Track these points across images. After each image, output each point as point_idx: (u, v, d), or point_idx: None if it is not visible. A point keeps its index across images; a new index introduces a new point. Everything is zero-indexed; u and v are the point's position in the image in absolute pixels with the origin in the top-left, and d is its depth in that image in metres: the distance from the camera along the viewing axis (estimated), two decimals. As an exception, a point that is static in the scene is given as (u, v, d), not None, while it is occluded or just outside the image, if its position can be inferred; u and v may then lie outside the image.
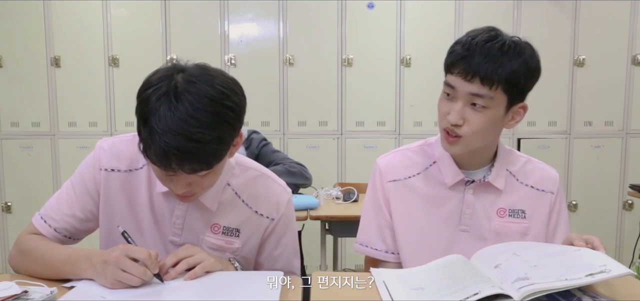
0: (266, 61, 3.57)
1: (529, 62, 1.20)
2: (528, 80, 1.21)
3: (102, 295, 1.02)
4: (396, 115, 3.64)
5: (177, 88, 1.01)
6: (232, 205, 1.25)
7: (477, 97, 1.19)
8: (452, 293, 0.99)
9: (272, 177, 1.32)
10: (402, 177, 1.35)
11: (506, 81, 1.17)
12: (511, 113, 1.25)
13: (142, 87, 1.05)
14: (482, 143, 1.26)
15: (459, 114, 1.21)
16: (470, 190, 1.30)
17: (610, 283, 1.12)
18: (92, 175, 1.23)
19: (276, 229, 1.29)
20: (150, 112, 1.00)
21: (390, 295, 1.02)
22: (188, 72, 1.05)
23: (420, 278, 1.09)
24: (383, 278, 1.10)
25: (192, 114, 0.99)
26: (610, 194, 3.71)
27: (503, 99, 1.20)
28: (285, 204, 1.30)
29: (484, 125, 1.21)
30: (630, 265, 3.41)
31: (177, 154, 0.99)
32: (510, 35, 1.22)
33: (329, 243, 2.80)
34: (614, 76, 3.64)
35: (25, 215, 3.63)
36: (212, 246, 1.24)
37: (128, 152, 1.23)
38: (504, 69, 1.17)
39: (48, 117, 3.59)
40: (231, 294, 1.03)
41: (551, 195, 1.34)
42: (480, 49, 1.18)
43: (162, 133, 0.98)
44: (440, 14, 3.57)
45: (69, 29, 3.53)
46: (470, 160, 1.30)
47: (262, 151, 2.62)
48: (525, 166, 1.36)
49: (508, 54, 1.18)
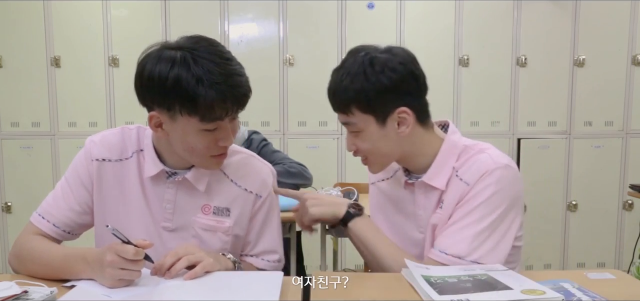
0: (266, 61, 3.57)
1: (374, 78, 1.20)
2: (380, 94, 1.21)
3: (102, 295, 1.02)
4: (396, 115, 3.63)
5: (199, 51, 1.11)
6: (220, 185, 1.29)
7: (347, 125, 1.27)
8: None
9: (258, 158, 1.38)
10: (376, 180, 1.45)
11: (356, 103, 1.22)
12: (391, 122, 1.24)
13: (158, 77, 1.11)
14: (392, 157, 1.30)
15: (348, 143, 1.31)
16: (420, 190, 1.31)
17: (610, 283, 1.12)
18: (85, 168, 1.27)
19: (263, 206, 1.34)
20: (199, 78, 1.09)
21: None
22: (183, 41, 1.15)
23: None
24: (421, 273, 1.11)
25: (226, 57, 1.13)
26: (610, 194, 3.71)
27: (368, 118, 1.24)
28: (271, 180, 1.37)
29: (368, 147, 1.26)
30: (630, 265, 3.41)
31: (239, 92, 1.13)
32: (365, 51, 1.25)
33: (329, 243, 2.80)
34: (614, 76, 3.63)
35: (25, 215, 3.61)
36: (203, 227, 1.27)
37: (117, 142, 1.29)
38: (348, 94, 1.22)
39: (48, 117, 3.59)
40: (231, 294, 1.03)
41: (465, 186, 1.22)
42: (332, 80, 1.27)
43: (223, 81, 1.10)
44: (440, 14, 3.57)
45: (69, 29, 3.53)
46: (410, 165, 1.33)
47: (262, 151, 2.61)
48: (471, 158, 1.25)
49: (349, 77, 1.22)
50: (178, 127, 1.15)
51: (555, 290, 1.02)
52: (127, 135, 1.30)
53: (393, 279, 1.16)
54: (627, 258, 3.54)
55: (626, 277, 1.18)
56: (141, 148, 1.28)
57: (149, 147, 1.26)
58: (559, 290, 1.03)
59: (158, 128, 1.18)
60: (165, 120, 1.16)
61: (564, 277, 1.12)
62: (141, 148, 1.28)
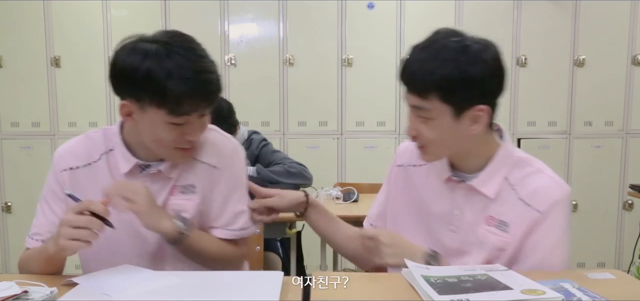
0: (266, 61, 3.57)
1: (466, 68, 1.10)
2: (468, 86, 1.11)
3: (103, 294, 1.03)
4: (396, 115, 3.64)
5: (172, 45, 1.14)
6: (185, 165, 1.30)
7: (417, 109, 1.16)
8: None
9: (217, 130, 1.38)
10: (407, 164, 1.37)
11: (438, 90, 1.11)
12: (468, 118, 1.15)
13: (129, 68, 1.14)
14: (451, 151, 1.23)
15: (409, 125, 1.21)
16: (462, 191, 1.25)
17: (610, 283, 1.12)
18: (56, 181, 1.31)
19: (222, 178, 1.33)
20: (169, 72, 1.11)
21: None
22: (160, 35, 1.17)
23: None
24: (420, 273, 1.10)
25: (199, 54, 1.16)
26: (610, 194, 3.71)
27: (444, 108, 1.14)
28: (230, 153, 1.35)
29: (434, 136, 1.17)
30: (630, 265, 3.41)
31: (209, 89, 1.16)
32: (457, 36, 1.14)
33: (329, 243, 2.80)
34: (614, 76, 3.63)
35: (25, 215, 3.63)
36: (173, 209, 1.29)
37: (83, 148, 1.32)
38: (433, 78, 1.11)
39: (48, 117, 3.59)
40: (231, 294, 1.03)
41: (536, 214, 1.17)
42: (414, 57, 1.15)
43: (193, 76, 1.12)
44: (440, 14, 3.57)
45: (69, 29, 3.53)
46: (461, 163, 1.26)
47: (262, 151, 2.61)
48: (529, 176, 1.21)
49: (438, 60, 1.11)
50: (147, 118, 1.18)
51: (555, 290, 1.02)
52: (91, 140, 1.33)
53: (393, 279, 1.16)
54: (627, 258, 3.54)
55: (626, 277, 1.18)
56: (110, 148, 1.30)
57: (119, 144, 1.28)
58: (559, 290, 1.03)
59: (128, 117, 1.21)
60: (135, 110, 1.19)
61: (564, 277, 1.11)
62: (110, 148, 1.30)
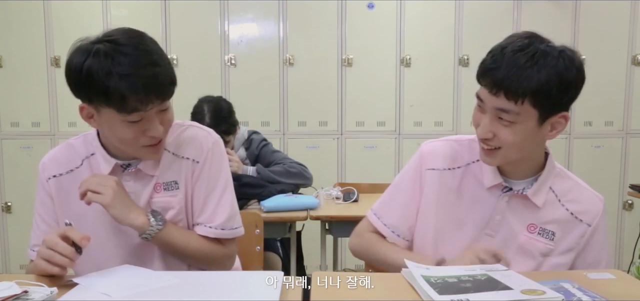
0: (266, 61, 3.57)
1: (564, 73, 1.11)
2: (562, 92, 1.12)
3: (102, 295, 1.02)
4: (396, 115, 3.64)
5: (118, 42, 1.12)
6: (166, 162, 1.31)
7: (503, 112, 1.14)
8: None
9: (198, 126, 1.37)
10: (441, 168, 1.33)
11: (534, 95, 1.10)
12: (549, 124, 1.17)
13: (77, 66, 1.14)
14: (520, 155, 1.21)
15: (486, 128, 1.18)
16: (506, 198, 1.27)
17: (610, 283, 1.12)
18: (45, 190, 1.32)
19: (203, 172, 1.32)
20: (108, 71, 1.10)
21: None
22: (108, 32, 1.16)
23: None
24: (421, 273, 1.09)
25: (143, 48, 1.14)
26: (610, 194, 3.71)
27: (533, 113, 1.13)
28: (210, 146, 1.34)
29: (514, 140, 1.16)
30: (630, 265, 3.41)
31: (155, 82, 1.12)
32: (548, 42, 1.15)
33: (329, 243, 2.80)
34: (614, 76, 3.63)
35: (25, 215, 3.62)
36: (159, 206, 1.29)
37: (65, 156, 1.33)
38: (531, 83, 1.09)
39: (48, 117, 3.59)
40: (231, 294, 1.03)
41: (587, 227, 1.27)
42: (508, 60, 1.11)
43: (134, 72, 1.10)
44: (440, 14, 3.57)
45: (69, 29, 3.53)
46: (511, 168, 1.26)
47: (262, 151, 2.61)
48: (573, 189, 1.29)
49: (538, 65, 1.10)
50: (103, 119, 1.19)
51: (555, 290, 1.02)
52: (72, 147, 1.34)
53: (393, 279, 1.16)
54: (627, 258, 3.54)
55: (626, 277, 1.18)
56: (91, 153, 1.32)
57: (98, 148, 1.30)
58: (559, 290, 1.03)
59: (90, 119, 1.22)
60: (92, 111, 1.20)
61: (564, 277, 1.12)
62: (91, 153, 1.32)
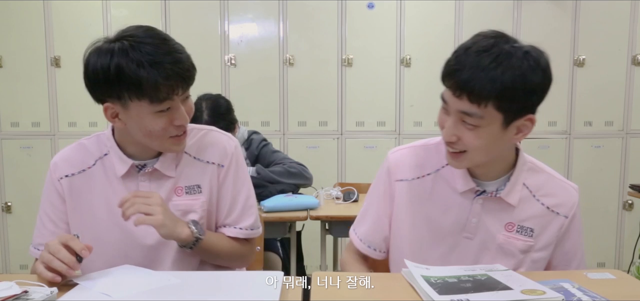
0: (266, 61, 3.57)
1: (529, 75, 1.07)
2: (527, 95, 1.09)
3: (102, 295, 1.02)
4: (396, 115, 3.64)
5: (136, 37, 1.15)
6: (186, 165, 1.32)
7: (466, 115, 1.11)
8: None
9: (215, 130, 1.40)
10: (411, 177, 1.30)
11: (497, 98, 1.06)
12: (515, 127, 1.14)
13: (101, 69, 1.15)
14: (487, 158, 1.18)
15: (450, 131, 1.14)
16: (480, 200, 1.24)
17: (610, 283, 1.12)
18: (54, 189, 1.32)
19: (229, 175, 1.35)
20: (139, 62, 1.12)
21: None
22: (121, 32, 1.19)
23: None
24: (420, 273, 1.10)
25: (162, 38, 1.17)
26: (610, 194, 3.71)
27: (497, 116, 1.09)
28: (233, 150, 1.36)
29: (479, 144, 1.12)
30: (630, 265, 3.41)
31: (181, 68, 1.16)
32: (514, 41, 1.11)
33: (329, 243, 2.80)
34: (614, 76, 3.63)
35: (25, 215, 3.63)
36: (180, 209, 1.30)
37: (77, 156, 1.32)
38: (494, 85, 1.05)
39: (48, 117, 3.59)
40: (231, 294, 1.03)
41: (564, 219, 1.26)
42: (472, 61, 1.07)
43: (162, 60, 1.13)
44: (440, 14, 3.57)
45: (69, 29, 3.53)
46: (482, 170, 1.24)
47: (262, 152, 2.61)
48: (547, 183, 1.27)
49: (502, 66, 1.05)
50: (132, 114, 1.19)
51: (555, 290, 1.02)
52: (85, 147, 1.34)
53: (393, 279, 1.16)
54: (627, 258, 3.54)
55: (626, 277, 1.18)
56: (105, 153, 1.31)
57: (113, 148, 1.29)
58: (559, 290, 1.03)
59: (115, 118, 1.22)
60: (119, 109, 1.20)
61: (564, 277, 1.12)
62: (105, 153, 1.31)
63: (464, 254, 1.26)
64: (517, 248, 1.24)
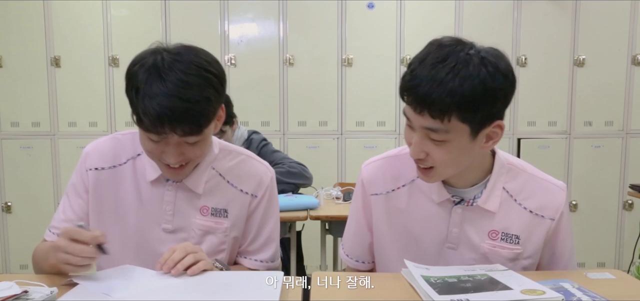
0: (266, 61, 3.57)
1: (488, 82, 1.00)
2: (490, 102, 1.02)
3: (102, 295, 1.02)
4: (396, 115, 3.64)
5: (164, 60, 1.10)
6: (217, 187, 1.30)
7: (431, 131, 1.05)
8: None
9: (254, 158, 1.37)
10: (385, 191, 1.27)
11: (460, 110, 1.00)
12: (484, 136, 1.08)
13: (131, 65, 1.13)
14: (459, 170, 1.13)
15: (417, 147, 1.08)
16: (459, 210, 1.19)
17: (610, 283, 1.12)
18: (81, 178, 1.30)
19: (260, 205, 1.34)
20: (141, 82, 1.08)
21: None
22: (172, 48, 1.14)
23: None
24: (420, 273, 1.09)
25: (181, 78, 1.08)
26: (610, 194, 3.71)
27: (463, 128, 1.04)
28: (269, 182, 1.35)
29: (448, 158, 1.07)
30: (630, 265, 3.41)
31: (170, 115, 1.07)
32: (469, 47, 1.04)
33: (329, 243, 2.80)
34: (614, 76, 3.64)
35: (25, 215, 3.63)
36: (202, 228, 1.28)
37: (110, 150, 1.31)
38: (454, 98, 0.99)
39: (48, 117, 3.59)
40: (231, 294, 1.03)
41: (550, 222, 1.20)
42: (427, 74, 1.01)
43: (154, 97, 1.06)
44: (440, 14, 3.57)
45: (69, 29, 3.53)
46: (457, 180, 1.18)
47: (262, 151, 2.62)
48: (528, 184, 1.21)
49: (459, 77, 0.99)
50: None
51: (555, 290, 1.02)
52: (120, 142, 1.32)
53: (393, 279, 1.16)
54: (627, 258, 3.54)
55: (626, 277, 1.18)
56: (138, 153, 1.30)
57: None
58: (559, 289, 1.03)
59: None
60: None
61: (564, 277, 1.12)
62: (138, 153, 1.30)
63: (449, 264, 1.22)
64: (503, 257, 1.19)
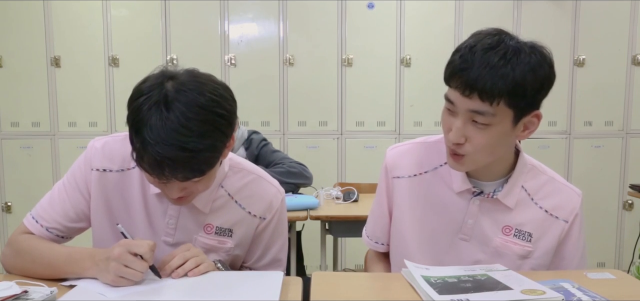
0: (266, 61, 3.57)
1: (537, 69, 1.07)
2: (537, 89, 1.08)
3: (101, 294, 1.02)
4: (396, 115, 3.64)
5: (167, 97, 1.01)
6: (225, 206, 1.26)
7: (477, 114, 1.08)
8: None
9: (266, 178, 1.32)
10: (407, 175, 1.29)
11: (509, 95, 1.05)
12: (522, 124, 1.13)
13: (133, 95, 1.05)
14: (491, 159, 1.16)
15: (459, 132, 1.11)
16: (477, 201, 1.22)
17: (610, 283, 1.12)
18: (84, 175, 1.23)
19: (269, 227, 1.31)
20: (142, 122, 1.00)
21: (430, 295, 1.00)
22: (178, 79, 1.05)
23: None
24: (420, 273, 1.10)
25: (183, 123, 0.99)
26: (610, 194, 3.71)
27: (508, 113, 1.08)
28: (279, 204, 1.31)
29: (488, 143, 1.10)
30: (630, 265, 3.41)
31: (170, 164, 1.00)
32: (516, 38, 1.10)
33: (329, 243, 2.80)
34: (614, 76, 3.64)
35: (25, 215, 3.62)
36: (204, 246, 1.24)
37: (120, 151, 1.23)
38: (506, 82, 1.04)
39: (48, 117, 3.59)
40: (231, 294, 1.03)
41: (564, 224, 1.23)
42: (479, 59, 1.06)
43: (154, 143, 0.99)
44: (440, 14, 3.57)
45: (69, 29, 3.53)
46: (481, 172, 1.21)
47: (262, 151, 2.62)
48: (546, 185, 1.25)
49: (511, 63, 1.05)
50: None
51: (555, 290, 1.02)
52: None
53: (393, 279, 1.16)
54: (627, 258, 3.54)
55: (626, 277, 1.18)
56: None
57: None
58: (559, 290, 1.03)
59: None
60: None
61: (564, 277, 1.12)
62: None
63: (460, 256, 1.24)
64: (514, 252, 1.22)
